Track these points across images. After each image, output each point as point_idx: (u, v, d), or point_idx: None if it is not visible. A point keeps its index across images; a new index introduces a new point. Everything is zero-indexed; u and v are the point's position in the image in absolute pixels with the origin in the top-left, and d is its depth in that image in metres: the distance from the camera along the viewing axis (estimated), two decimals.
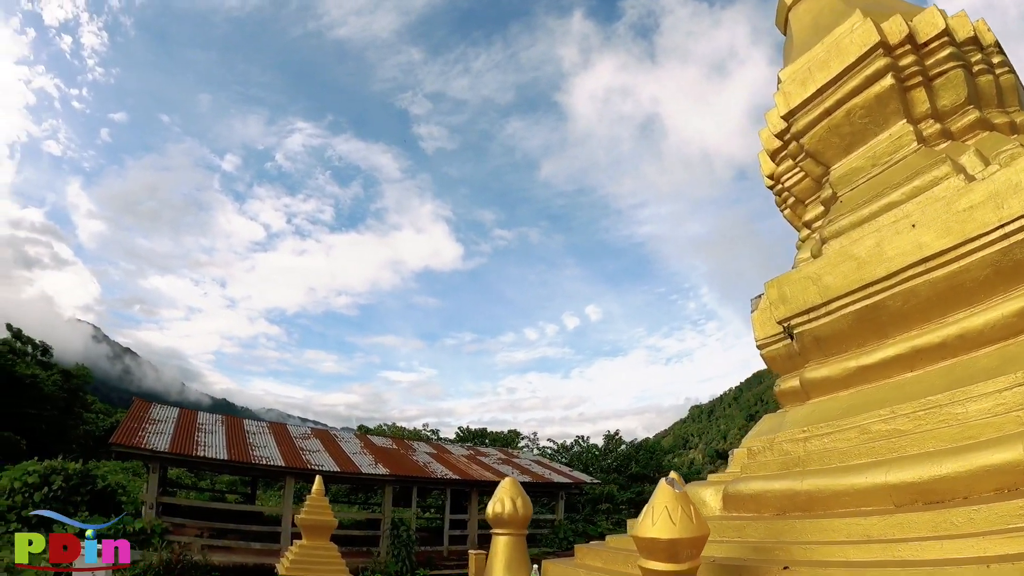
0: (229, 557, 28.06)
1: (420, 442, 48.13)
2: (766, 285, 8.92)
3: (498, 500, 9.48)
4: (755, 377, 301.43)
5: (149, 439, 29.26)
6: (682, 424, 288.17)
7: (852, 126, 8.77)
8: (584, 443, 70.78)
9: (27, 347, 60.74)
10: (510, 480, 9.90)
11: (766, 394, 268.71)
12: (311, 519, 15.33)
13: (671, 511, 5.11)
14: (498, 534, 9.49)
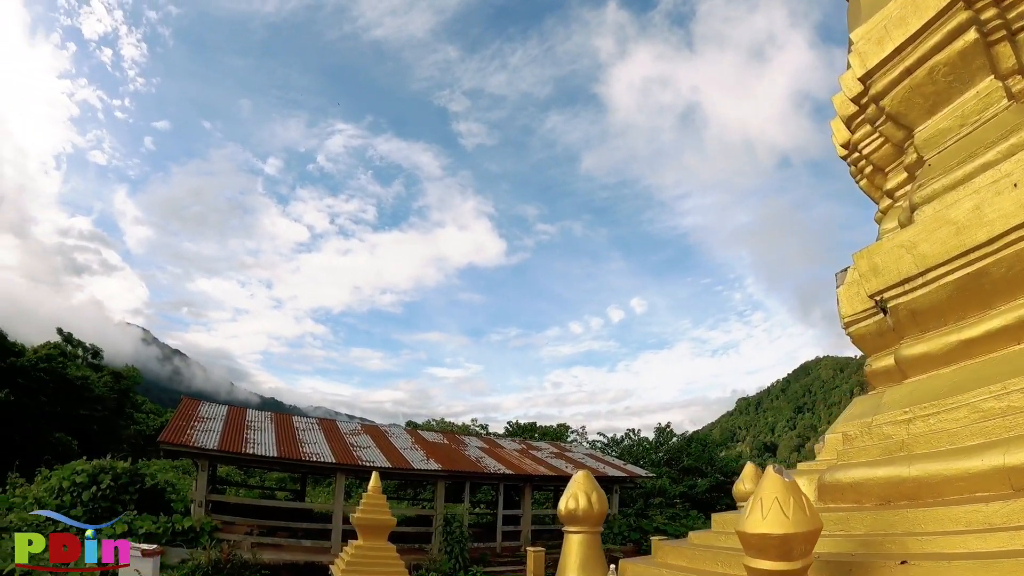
0: (279, 555, 27.40)
1: (471, 437, 47.25)
2: (855, 256, 7.90)
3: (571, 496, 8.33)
4: (802, 369, 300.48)
5: (198, 437, 28.74)
6: (729, 417, 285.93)
7: (935, 85, 7.78)
8: (635, 436, 69.76)
9: (78, 350, 61.28)
10: (583, 474, 8.79)
11: (814, 385, 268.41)
12: (368, 518, 14.49)
13: (783, 503, 4.39)
14: (571, 532, 8.44)
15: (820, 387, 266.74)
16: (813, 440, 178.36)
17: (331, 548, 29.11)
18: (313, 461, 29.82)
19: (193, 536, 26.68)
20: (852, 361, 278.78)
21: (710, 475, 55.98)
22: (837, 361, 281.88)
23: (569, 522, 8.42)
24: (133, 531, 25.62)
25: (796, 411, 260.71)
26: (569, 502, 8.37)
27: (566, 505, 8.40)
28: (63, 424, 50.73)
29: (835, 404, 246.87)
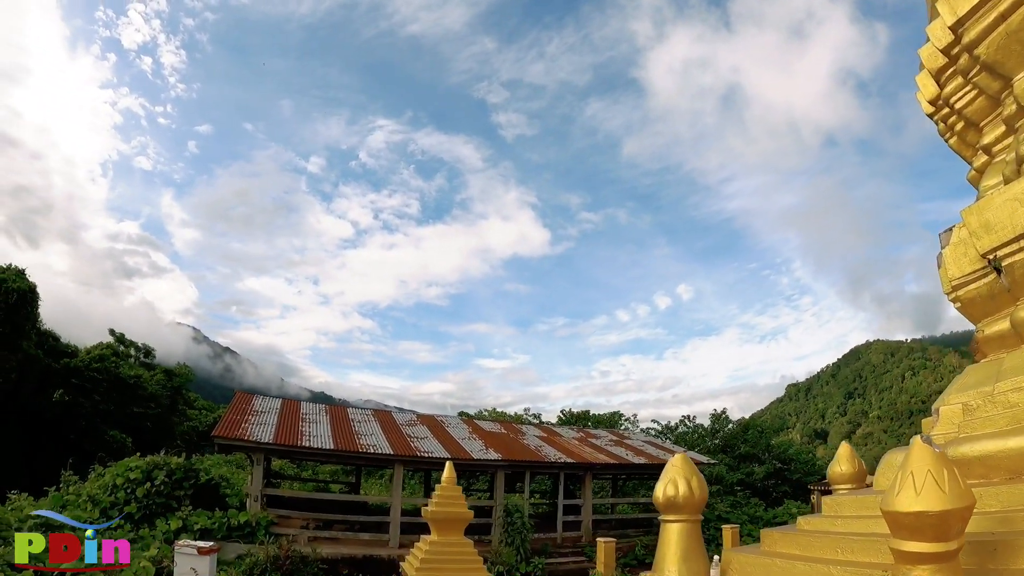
0: (337, 549, 26.53)
1: (528, 426, 46.21)
2: (963, 213, 7.27)
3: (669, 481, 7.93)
4: (852, 353, 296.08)
5: (252, 430, 27.97)
6: (779, 403, 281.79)
7: None
8: (690, 423, 68.55)
9: (130, 350, 61.61)
10: (681, 457, 8.28)
11: (864, 370, 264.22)
12: (444, 511, 13.44)
13: (937, 477, 4.04)
14: (670, 521, 7.95)
15: (871, 372, 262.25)
16: (864, 425, 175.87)
17: (389, 541, 28.31)
18: (371, 453, 28.85)
19: (249, 531, 26.02)
20: (903, 345, 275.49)
21: (767, 462, 54.51)
22: (888, 345, 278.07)
23: (668, 510, 7.90)
24: (188, 527, 25.01)
25: (846, 397, 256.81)
26: (667, 488, 7.88)
27: (664, 491, 7.89)
28: (117, 422, 51.13)
29: (886, 389, 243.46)
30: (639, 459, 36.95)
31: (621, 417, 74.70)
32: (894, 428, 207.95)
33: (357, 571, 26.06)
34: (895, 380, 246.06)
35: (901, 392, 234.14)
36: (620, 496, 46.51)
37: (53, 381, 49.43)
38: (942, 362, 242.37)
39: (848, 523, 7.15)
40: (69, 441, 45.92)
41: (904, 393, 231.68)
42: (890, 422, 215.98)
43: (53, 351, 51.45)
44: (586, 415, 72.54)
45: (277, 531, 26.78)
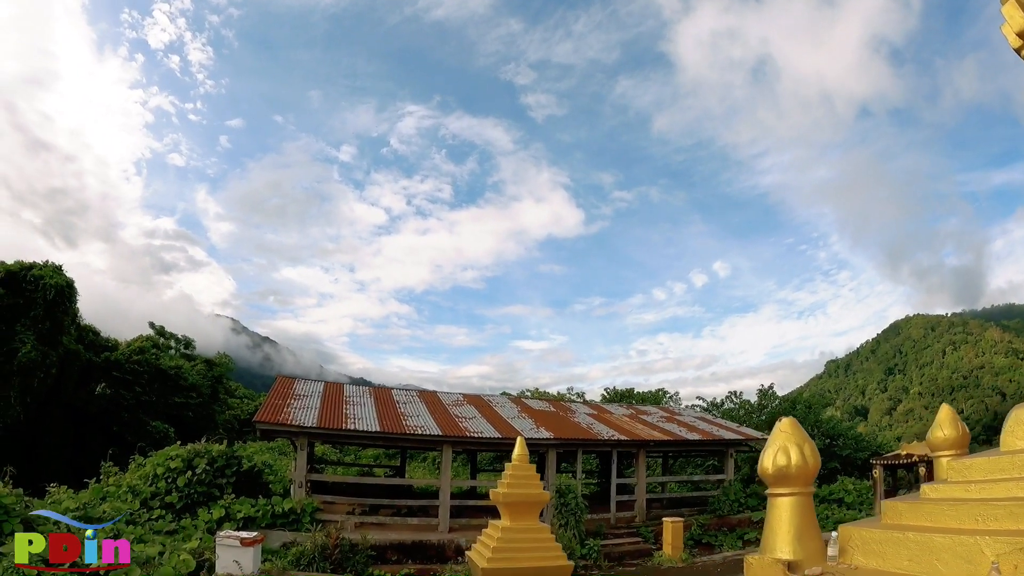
0: (385, 535, 25.31)
1: (576, 403, 44.75)
2: None
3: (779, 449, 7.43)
4: (892, 328, 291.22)
5: (295, 415, 26.79)
6: (818, 380, 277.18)
7: None
8: (737, 399, 66.92)
9: (170, 342, 61.46)
10: (790, 422, 7.79)
11: (904, 346, 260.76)
12: (518, 493, 12.05)
13: None
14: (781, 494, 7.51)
15: (911, 347, 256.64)
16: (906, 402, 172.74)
17: (438, 525, 27.02)
18: (419, 434, 27.48)
19: (294, 518, 24.85)
20: (943, 319, 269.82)
21: (816, 437, 52.69)
22: (928, 319, 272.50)
23: (778, 481, 7.47)
24: (231, 516, 23.93)
25: (887, 373, 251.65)
26: (778, 456, 7.41)
27: (774, 460, 7.45)
28: (159, 413, 51.04)
29: (927, 364, 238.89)
30: (693, 435, 35.35)
31: (665, 395, 73.02)
32: (935, 404, 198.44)
33: (406, 557, 24.88)
34: (936, 355, 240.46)
35: (942, 367, 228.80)
36: (669, 475, 44.99)
37: (95, 375, 49.59)
38: (983, 336, 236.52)
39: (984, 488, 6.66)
40: (112, 433, 45.48)
41: (945, 368, 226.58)
42: (931, 398, 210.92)
43: (93, 345, 51.46)
44: (630, 393, 70.88)
45: (322, 518, 25.58)
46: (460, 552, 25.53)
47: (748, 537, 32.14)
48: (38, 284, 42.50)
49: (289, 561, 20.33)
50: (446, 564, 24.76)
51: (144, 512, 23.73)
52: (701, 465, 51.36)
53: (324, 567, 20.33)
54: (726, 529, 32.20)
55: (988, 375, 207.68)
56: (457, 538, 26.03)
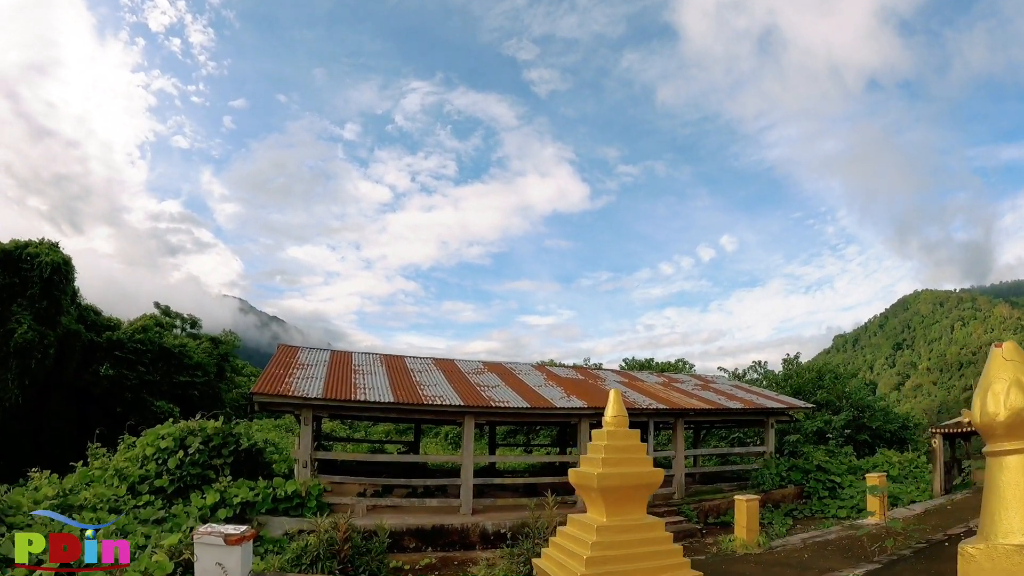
0: (401, 519, 21.82)
1: (605, 371, 41.02)
2: None
3: (1012, 385, 5.41)
4: (900, 304, 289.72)
5: (298, 385, 23.14)
6: (825, 355, 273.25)
7: None
8: (761, 368, 64.04)
9: (175, 321, 59.04)
10: (1013, 347, 5.79)
11: (912, 321, 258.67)
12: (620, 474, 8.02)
13: None
14: (1008, 451, 5.52)
15: (919, 322, 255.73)
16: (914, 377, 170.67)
17: (460, 507, 23.44)
18: (438, 405, 23.59)
19: (298, 502, 21.43)
20: (952, 295, 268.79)
21: (845, 409, 49.34)
22: (936, 295, 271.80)
23: (1012, 432, 5.52)
24: (227, 500, 20.48)
25: (895, 348, 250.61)
26: (1012, 395, 5.47)
27: (1007, 401, 5.49)
28: (164, 392, 48.45)
29: (935, 340, 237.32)
30: (734, 403, 31.71)
31: (685, 366, 69.58)
32: (944, 380, 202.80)
33: (425, 544, 21.42)
34: (944, 331, 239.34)
35: (951, 343, 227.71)
36: (699, 446, 41.51)
37: (97, 356, 46.93)
38: (992, 313, 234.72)
39: None
40: (115, 415, 42.70)
41: (954, 344, 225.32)
42: (939, 374, 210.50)
43: (95, 325, 48.83)
44: (648, 364, 67.55)
45: (330, 501, 22.34)
46: (486, 538, 22.11)
47: (797, 514, 29.19)
48: (34, 262, 39.88)
49: (288, 560, 16.60)
50: (471, 551, 21.34)
51: (130, 498, 20.47)
52: (726, 437, 48.10)
53: (331, 567, 16.57)
54: (771, 505, 28.92)
55: None
56: (482, 521, 22.50)
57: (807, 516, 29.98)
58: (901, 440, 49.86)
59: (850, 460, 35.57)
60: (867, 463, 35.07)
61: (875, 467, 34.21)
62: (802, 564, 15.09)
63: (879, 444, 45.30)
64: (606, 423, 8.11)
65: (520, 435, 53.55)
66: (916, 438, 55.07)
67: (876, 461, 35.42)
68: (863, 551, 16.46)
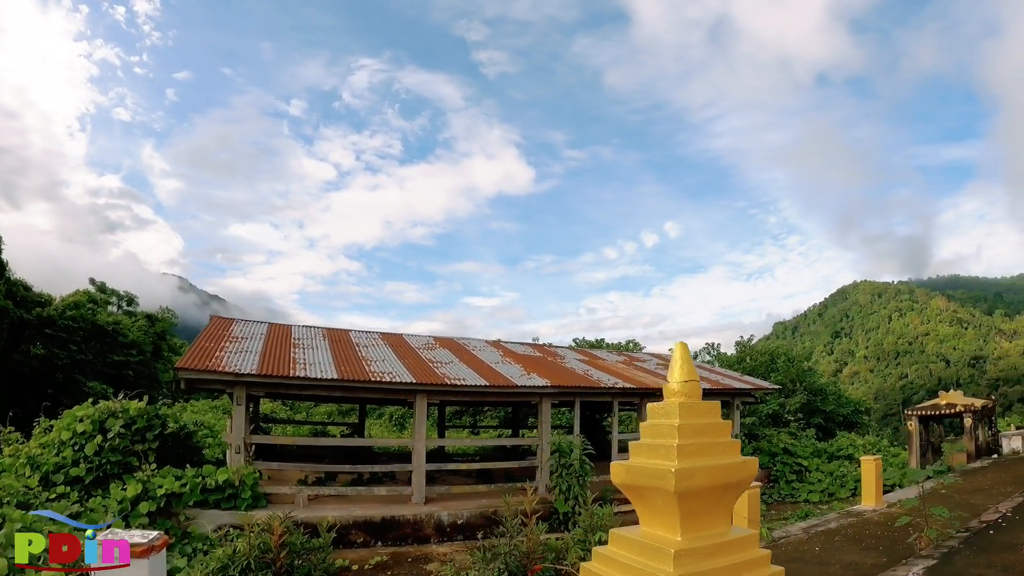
0: (348, 511, 19.10)
1: (564, 348, 38.30)
2: None
3: None
4: (839, 293, 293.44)
5: (230, 360, 20.01)
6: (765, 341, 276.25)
7: None
8: (714, 350, 62.77)
9: (111, 298, 54.99)
10: None
11: (851, 310, 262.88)
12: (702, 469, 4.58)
13: None
14: None
15: (858, 312, 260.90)
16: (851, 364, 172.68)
17: (412, 495, 20.69)
18: (387, 382, 20.61)
19: (232, 493, 18.57)
20: (890, 286, 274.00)
21: (799, 392, 47.80)
22: (875, 286, 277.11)
23: None
24: (150, 492, 17.64)
25: (833, 336, 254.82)
26: None
27: None
28: (97, 372, 45.02)
29: (873, 329, 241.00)
30: (703, 384, 29.50)
31: (636, 347, 67.57)
32: (880, 368, 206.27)
33: (374, 538, 18.75)
34: (882, 321, 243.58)
35: (888, 333, 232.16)
36: None
37: (27, 334, 43.52)
38: (928, 305, 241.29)
39: None
40: (46, 396, 39.24)
41: (891, 334, 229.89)
42: (876, 362, 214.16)
43: (24, 302, 45.02)
44: (600, 343, 65.38)
45: (268, 490, 19.55)
46: (442, 529, 19.55)
47: (767, 499, 27.50)
48: None
49: (213, 571, 13.52)
50: (426, 544, 18.80)
51: (42, 490, 17.39)
52: None
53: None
54: None
55: (933, 342, 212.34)
56: (436, 511, 19.86)
57: (777, 500, 28.52)
58: (853, 424, 48.90)
59: (813, 443, 33.89)
60: (831, 446, 33.68)
61: (840, 450, 32.94)
62: (818, 559, 12.88)
63: (832, 428, 44.13)
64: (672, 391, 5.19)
65: (467, 416, 51.03)
66: (868, 422, 54.02)
67: (841, 444, 33.97)
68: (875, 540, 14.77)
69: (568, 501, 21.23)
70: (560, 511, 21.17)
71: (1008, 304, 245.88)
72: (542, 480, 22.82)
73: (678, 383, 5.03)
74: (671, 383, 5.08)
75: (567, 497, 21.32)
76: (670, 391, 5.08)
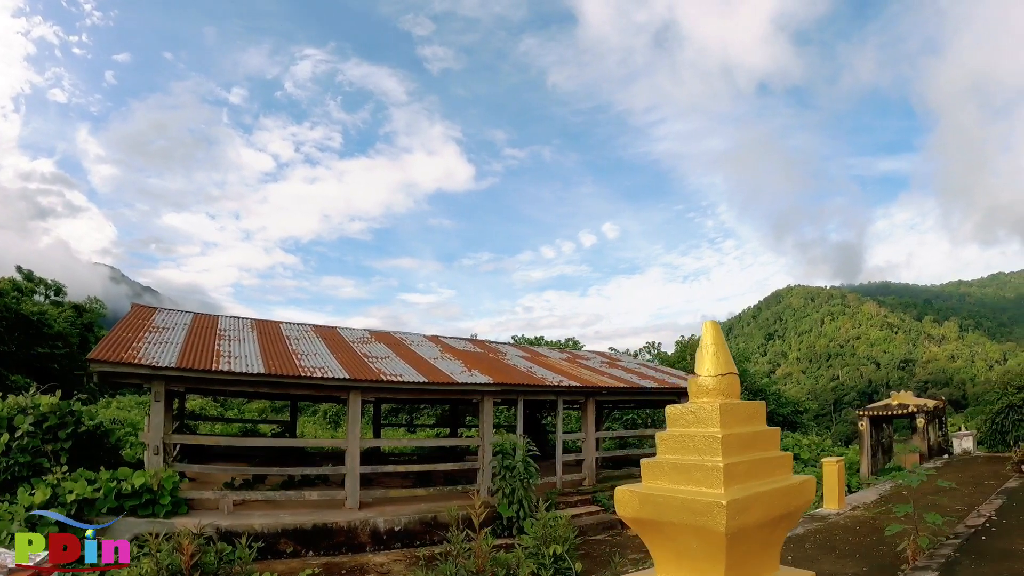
0: (276, 517, 17.43)
1: (505, 345, 36.66)
2: None
3: None
4: (773, 296, 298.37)
5: (148, 351, 18.09)
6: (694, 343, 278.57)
7: None
8: (655, 349, 62.31)
9: (38, 287, 51.69)
10: None
11: (784, 314, 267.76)
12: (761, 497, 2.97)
13: None
14: None
15: (791, 315, 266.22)
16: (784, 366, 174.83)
17: (346, 500, 19.12)
18: (318, 378, 18.89)
19: (150, 498, 16.66)
20: (823, 291, 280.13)
21: (742, 393, 47.23)
22: (808, 290, 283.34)
23: None
24: (60, 497, 15.80)
25: (767, 338, 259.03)
26: None
27: None
28: (21, 365, 42.04)
29: (805, 332, 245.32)
30: (646, 382, 28.26)
31: (575, 345, 66.44)
32: (812, 369, 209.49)
33: (305, 547, 17.06)
34: (814, 324, 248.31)
35: (820, 336, 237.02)
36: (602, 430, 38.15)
37: None
38: (860, 309, 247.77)
39: None
40: None
41: (823, 337, 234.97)
42: (808, 364, 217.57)
43: None
44: (539, 342, 64.15)
45: (190, 495, 17.83)
46: (378, 537, 17.99)
47: None
48: None
49: None
50: (361, 553, 17.24)
51: None
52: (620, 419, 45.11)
53: None
54: None
55: (863, 345, 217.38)
56: (372, 517, 18.25)
57: None
58: (793, 424, 48.56)
59: None
60: None
61: (786, 450, 31.81)
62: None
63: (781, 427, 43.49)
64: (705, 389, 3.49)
65: (403, 414, 49.21)
66: (807, 422, 53.71)
67: (786, 444, 33.00)
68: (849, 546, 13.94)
69: (512, 505, 19.84)
70: (504, 516, 19.75)
71: (937, 310, 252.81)
72: (484, 483, 21.39)
73: (713, 377, 3.47)
74: (703, 377, 3.49)
75: (511, 501, 19.93)
76: (702, 388, 3.49)
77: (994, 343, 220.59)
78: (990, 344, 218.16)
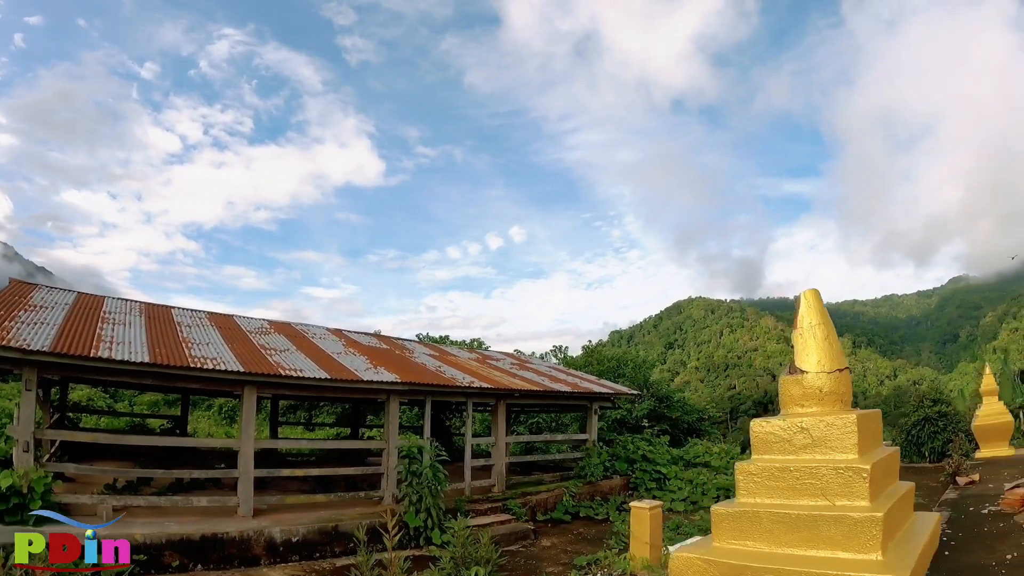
0: (161, 526, 15.44)
1: (411, 343, 34.90)
2: None
3: None
4: (675, 307, 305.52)
5: (20, 332, 15.73)
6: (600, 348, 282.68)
7: None
8: (562, 353, 62.47)
9: None
10: None
11: (685, 324, 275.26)
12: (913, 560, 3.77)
13: None
14: None
15: (691, 325, 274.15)
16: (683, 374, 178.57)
17: (238, 507, 17.34)
18: (210, 370, 16.96)
19: (18, 503, 14.39)
20: (723, 304, 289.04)
21: (646, 399, 46.73)
22: (708, 302, 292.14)
23: None
24: None
25: (667, 347, 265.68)
26: None
27: None
28: None
29: (705, 342, 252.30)
30: (559, 386, 27.17)
31: (480, 346, 65.17)
32: (711, 379, 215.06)
33: (193, 560, 15.08)
34: (714, 335, 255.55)
35: (719, 347, 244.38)
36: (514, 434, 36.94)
37: None
38: (759, 323, 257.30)
39: None
40: None
41: (721, 348, 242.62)
42: (707, 373, 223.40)
43: None
44: (444, 341, 62.62)
45: (66, 499, 15.70)
46: (274, 548, 16.24)
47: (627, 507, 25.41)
48: None
49: None
50: (254, 567, 15.49)
51: None
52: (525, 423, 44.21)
53: None
54: (599, 498, 25.73)
55: (760, 357, 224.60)
56: (267, 526, 16.44)
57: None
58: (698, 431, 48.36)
59: (669, 450, 32.35)
60: (687, 453, 32.17)
61: (696, 457, 31.67)
62: None
63: (679, 434, 43.32)
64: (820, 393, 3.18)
65: (301, 411, 47.04)
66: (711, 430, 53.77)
67: (697, 452, 32.57)
68: None
69: (420, 514, 18.40)
70: (411, 525, 18.23)
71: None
72: (388, 489, 19.98)
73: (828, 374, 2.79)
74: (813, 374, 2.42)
75: (418, 509, 18.49)
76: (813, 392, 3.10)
77: (885, 359, 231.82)
78: (881, 360, 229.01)
